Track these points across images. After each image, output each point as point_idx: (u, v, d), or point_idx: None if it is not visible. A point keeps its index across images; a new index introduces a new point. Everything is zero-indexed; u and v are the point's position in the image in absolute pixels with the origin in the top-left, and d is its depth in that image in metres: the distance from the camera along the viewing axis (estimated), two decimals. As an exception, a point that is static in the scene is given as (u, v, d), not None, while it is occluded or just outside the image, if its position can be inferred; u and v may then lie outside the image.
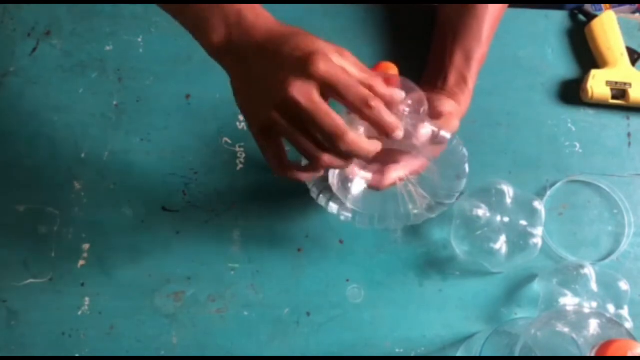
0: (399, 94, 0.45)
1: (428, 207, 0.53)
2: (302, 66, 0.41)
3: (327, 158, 0.44)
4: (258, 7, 0.46)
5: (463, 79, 0.59)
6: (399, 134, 0.44)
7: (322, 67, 0.41)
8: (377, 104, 0.42)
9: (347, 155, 0.44)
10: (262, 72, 0.43)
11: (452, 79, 0.60)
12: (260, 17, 0.45)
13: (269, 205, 0.62)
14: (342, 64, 0.43)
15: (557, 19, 0.70)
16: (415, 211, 0.53)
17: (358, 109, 0.42)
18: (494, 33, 0.61)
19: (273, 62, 0.42)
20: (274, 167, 0.47)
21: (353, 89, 0.42)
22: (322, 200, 0.54)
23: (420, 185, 0.54)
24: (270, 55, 0.43)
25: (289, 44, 0.42)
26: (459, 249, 0.60)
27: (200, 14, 0.46)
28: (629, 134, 0.67)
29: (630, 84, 0.65)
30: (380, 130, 0.43)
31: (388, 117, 0.43)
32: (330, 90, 0.42)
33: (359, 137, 0.43)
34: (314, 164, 0.45)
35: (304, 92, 0.41)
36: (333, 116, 0.42)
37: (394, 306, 0.60)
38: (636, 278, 0.61)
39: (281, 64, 0.42)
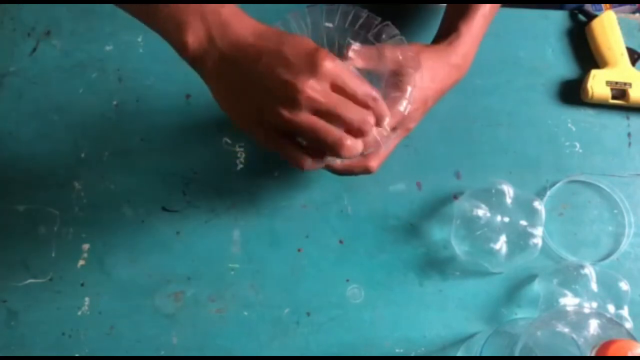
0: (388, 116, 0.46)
1: None
2: (311, 66, 0.41)
3: (350, 142, 0.44)
4: (234, 7, 0.45)
5: (455, 29, 0.55)
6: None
7: (330, 66, 0.42)
8: (377, 105, 0.45)
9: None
10: (261, 73, 0.43)
11: (442, 29, 0.56)
12: (243, 17, 0.45)
13: (269, 205, 0.62)
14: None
15: (557, 19, 0.70)
16: None
17: (364, 106, 0.44)
18: (489, 15, 0.58)
19: (276, 63, 0.42)
20: (299, 163, 0.46)
21: (360, 89, 0.43)
22: None
23: None
24: (269, 56, 0.42)
25: (289, 44, 0.42)
26: (459, 249, 0.60)
27: (172, 13, 0.44)
28: (629, 134, 0.67)
29: (630, 84, 0.65)
30: (356, 133, 0.45)
31: (375, 133, 0.46)
32: (338, 88, 0.43)
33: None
34: (337, 151, 0.44)
35: (320, 90, 0.42)
36: (354, 106, 0.43)
37: (394, 306, 0.60)
38: (636, 278, 0.61)
39: (286, 64, 0.42)
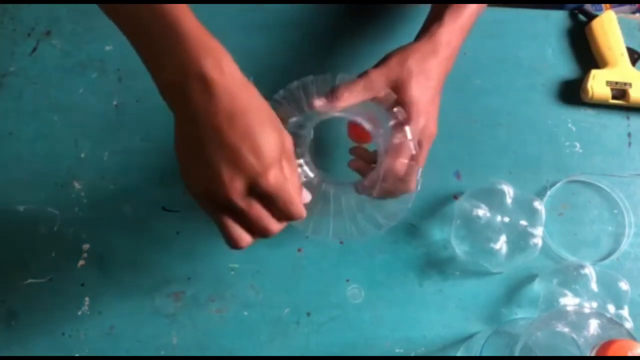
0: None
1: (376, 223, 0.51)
2: (254, 176, 0.40)
3: (246, 240, 0.44)
4: (222, 54, 0.41)
5: (438, 19, 0.53)
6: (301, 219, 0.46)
7: (271, 183, 0.41)
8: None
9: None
10: (213, 152, 0.41)
11: (426, 21, 0.55)
12: (225, 74, 0.41)
13: (269, 205, 0.62)
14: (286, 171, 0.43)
15: (557, 19, 0.70)
16: (359, 226, 0.51)
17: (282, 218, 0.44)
18: (474, 18, 0.56)
19: (227, 154, 0.40)
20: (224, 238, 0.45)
21: (287, 207, 0.43)
22: None
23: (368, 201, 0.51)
24: (226, 144, 0.40)
25: (248, 143, 0.40)
26: (459, 249, 0.60)
27: (153, 45, 0.42)
28: (629, 134, 0.67)
29: (630, 84, 0.65)
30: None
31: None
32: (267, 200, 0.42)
33: (281, 226, 0.45)
34: (229, 244, 0.44)
35: (243, 200, 0.41)
36: (267, 220, 0.43)
37: (394, 306, 0.60)
38: (636, 278, 0.61)
39: (234, 161, 0.40)
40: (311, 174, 0.50)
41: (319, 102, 0.49)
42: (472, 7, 0.55)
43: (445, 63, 0.53)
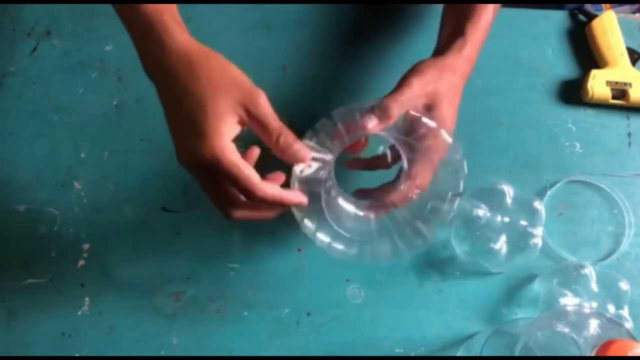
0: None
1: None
2: (191, 150, 0.44)
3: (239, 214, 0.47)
4: (166, 29, 0.45)
5: (461, 33, 0.53)
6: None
7: (207, 157, 0.43)
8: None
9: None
10: (169, 122, 0.46)
11: (447, 33, 0.55)
12: (169, 51, 0.45)
13: (269, 205, 0.62)
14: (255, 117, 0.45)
15: (557, 19, 0.70)
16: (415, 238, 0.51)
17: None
18: (487, 33, 0.56)
19: (175, 127, 0.45)
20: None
21: (237, 185, 0.45)
22: (307, 228, 0.50)
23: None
24: (171, 119, 0.45)
25: (184, 122, 0.44)
26: (459, 249, 0.60)
27: (125, 24, 0.48)
28: (629, 134, 0.67)
29: (630, 84, 0.65)
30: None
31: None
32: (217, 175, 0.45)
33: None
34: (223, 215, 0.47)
35: (193, 169, 0.45)
36: (211, 194, 0.46)
37: (394, 306, 0.60)
38: (636, 278, 0.61)
39: (177, 134, 0.45)
40: (352, 207, 0.52)
41: (372, 123, 0.47)
42: (487, 20, 0.55)
43: (465, 79, 0.53)
